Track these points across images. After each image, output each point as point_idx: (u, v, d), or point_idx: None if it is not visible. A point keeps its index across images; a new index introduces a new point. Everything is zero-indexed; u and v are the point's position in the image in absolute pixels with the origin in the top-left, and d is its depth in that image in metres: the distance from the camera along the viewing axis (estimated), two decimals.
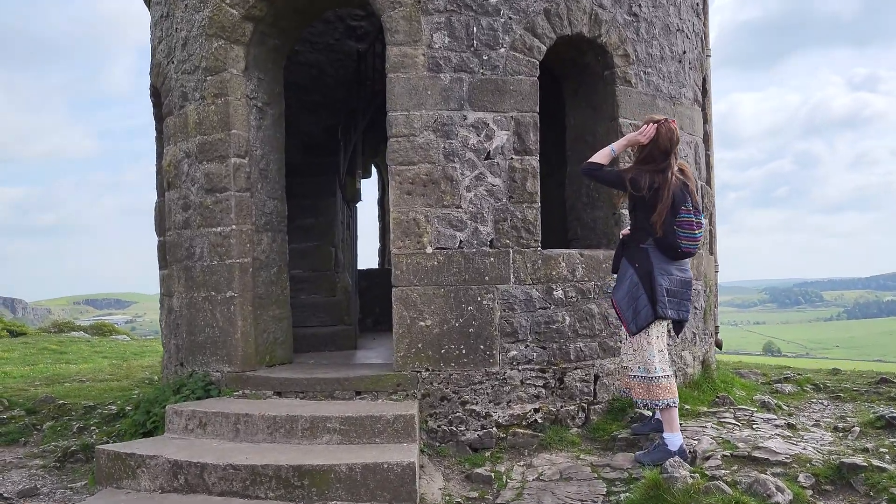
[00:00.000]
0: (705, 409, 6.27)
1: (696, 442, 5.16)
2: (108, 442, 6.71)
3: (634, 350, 5.17)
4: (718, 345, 8.09)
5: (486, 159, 5.85)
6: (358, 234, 7.99)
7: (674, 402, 5.05)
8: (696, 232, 5.00)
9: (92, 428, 7.38)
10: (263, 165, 6.55)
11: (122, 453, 5.15)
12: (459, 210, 5.80)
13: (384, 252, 11.08)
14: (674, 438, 5.03)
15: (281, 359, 6.66)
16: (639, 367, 5.13)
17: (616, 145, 5.28)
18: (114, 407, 7.90)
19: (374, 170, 11.23)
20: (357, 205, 9.01)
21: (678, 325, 5.36)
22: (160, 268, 7.32)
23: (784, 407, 6.99)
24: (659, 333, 5.10)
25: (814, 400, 7.48)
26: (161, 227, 7.22)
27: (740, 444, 4.91)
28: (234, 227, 6.22)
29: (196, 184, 6.44)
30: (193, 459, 4.90)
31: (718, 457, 4.76)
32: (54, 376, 10.17)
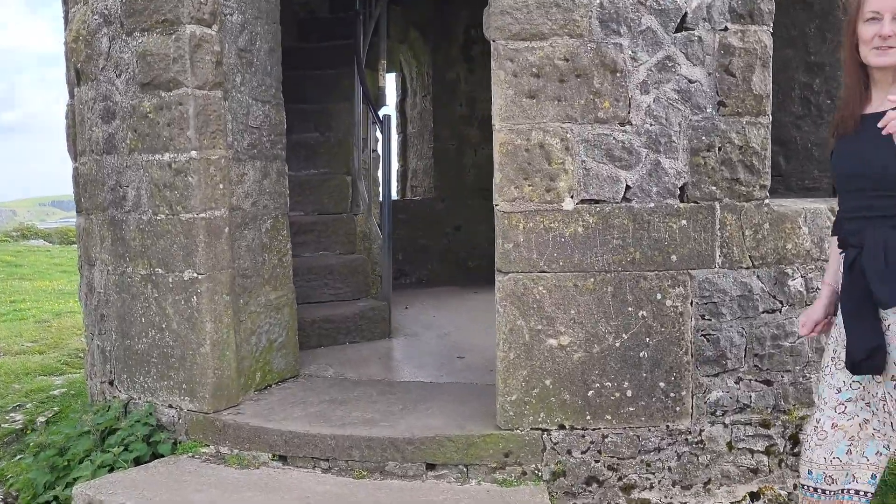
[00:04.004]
0: None
1: None
2: None
3: None
4: None
5: (678, 30, 3.04)
6: (391, 155, 5.14)
7: None
8: None
9: None
10: (245, 43, 3.68)
11: None
12: (627, 129, 3.02)
13: (405, 176, 8.26)
14: None
15: (280, 373, 3.97)
16: None
17: None
18: (19, 417, 5.22)
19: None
20: (382, 112, 6.16)
21: None
22: (77, 211, 4.50)
23: None
24: None
25: None
26: (74, 147, 4.36)
27: None
28: (194, 153, 3.38)
29: (124, 73, 3.55)
30: None
31: None
32: None
